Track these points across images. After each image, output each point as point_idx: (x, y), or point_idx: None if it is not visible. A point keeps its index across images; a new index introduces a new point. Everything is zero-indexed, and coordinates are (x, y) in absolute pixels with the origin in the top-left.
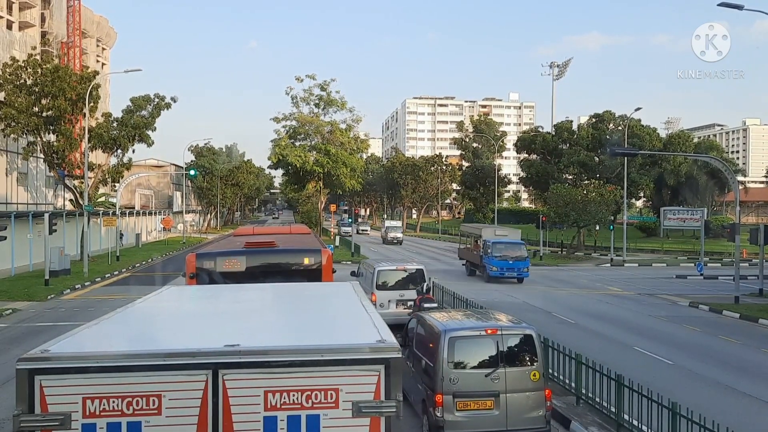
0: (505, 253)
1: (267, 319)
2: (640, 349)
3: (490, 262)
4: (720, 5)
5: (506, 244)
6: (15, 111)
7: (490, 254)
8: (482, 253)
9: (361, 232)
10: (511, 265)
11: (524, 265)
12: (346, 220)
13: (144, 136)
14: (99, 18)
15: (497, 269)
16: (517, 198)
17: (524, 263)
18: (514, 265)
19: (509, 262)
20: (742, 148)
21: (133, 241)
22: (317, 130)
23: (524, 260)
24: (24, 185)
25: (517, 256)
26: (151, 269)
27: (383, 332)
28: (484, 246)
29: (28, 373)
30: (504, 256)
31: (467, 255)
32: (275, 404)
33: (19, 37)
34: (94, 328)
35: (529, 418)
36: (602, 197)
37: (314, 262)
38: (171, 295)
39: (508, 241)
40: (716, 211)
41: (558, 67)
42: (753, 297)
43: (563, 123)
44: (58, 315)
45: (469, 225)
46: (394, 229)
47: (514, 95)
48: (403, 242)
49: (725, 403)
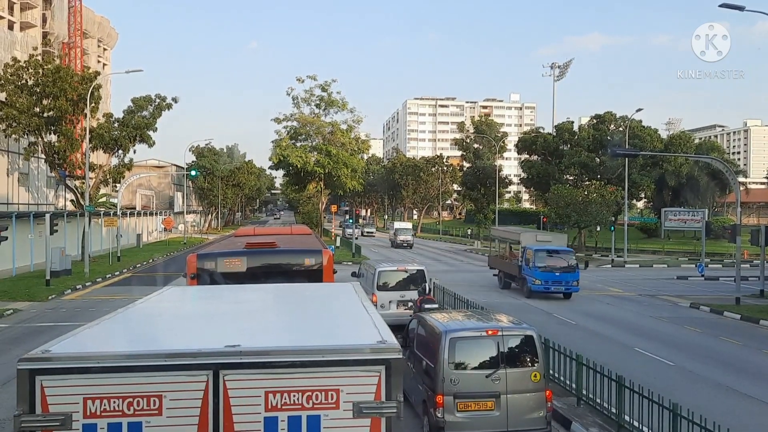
0: (550, 263)
1: (268, 320)
2: (641, 350)
3: (533, 274)
4: (721, 6)
5: (551, 252)
6: (16, 111)
7: (532, 264)
8: (521, 262)
9: (366, 234)
10: (558, 277)
11: (573, 277)
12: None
13: (145, 136)
14: (100, 18)
15: (541, 282)
16: (518, 199)
17: (573, 275)
18: (561, 277)
19: (555, 274)
20: (743, 149)
21: (131, 241)
22: (318, 130)
23: (573, 272)
24: (25, 185)
25: (564, 267)
26: (152, 269)
27: (384, 333)
28: (523, 254)
29: (29, 373)
30: (549, 266)
31: (500, 264)
32: (276, 405)
33: (20, 37)
34: (95, 328)
35: (529, 419)
36: (603, 198)
37: (315, 262)
38: (172, 296)
39: (552, 249)
40: (717, 212)
41: (559, 68)
42: (754, 298)
43: (564, 124)
44: (59, 315)
45: (501, 229)
46: (404, 232)
47: (515, 96)
48: (413, 245)
49: (726, 405)
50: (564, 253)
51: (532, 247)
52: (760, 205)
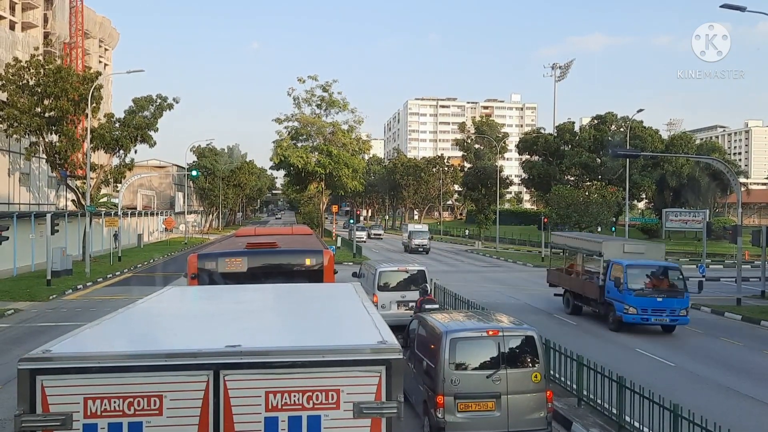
0: (649, 284)
1: (268, 320)
2: (642, 351)
3: (625, 299)
4: (722, 6)
5: (648, 268)
6: (17, 111)
7: (624, 286)
8: (602, 280)
9: (374, 236)
10: (660, 304)
11: (681, 304)
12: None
13: (146, 136)
14: (101, 19)
15: (636, 311)
16: (518, 199)
17: (681, 302)
18: (665, 304)
19: (656, 300)
20: (744, 149)
21: (132, 241)
22: (319, 131)
23: (681, 296)
24: (26, 185)
25: (669, 290)
26: (153, 270)
27: (384, 333)
28: (608, 270)
29: (29, 373)
30: (647, 290)
31: (568, 281)
32: (276, 405)
33: (21, 37)
34: (96, 328)
35: (530, 419)
36: (604, 199)
37: (316, 262)
38: (172, 296)
39: (648, 264)
40: (718, 212)
41: (560, 69)
42: (755, 299)
43: (565, 124)
44: (60, 315)
45: (570, 235)
46: (419, 235)
47: (516, 96)
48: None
49: (727, 405)
50: (667, 269)
51: (622, 262)
52: (761, 206)
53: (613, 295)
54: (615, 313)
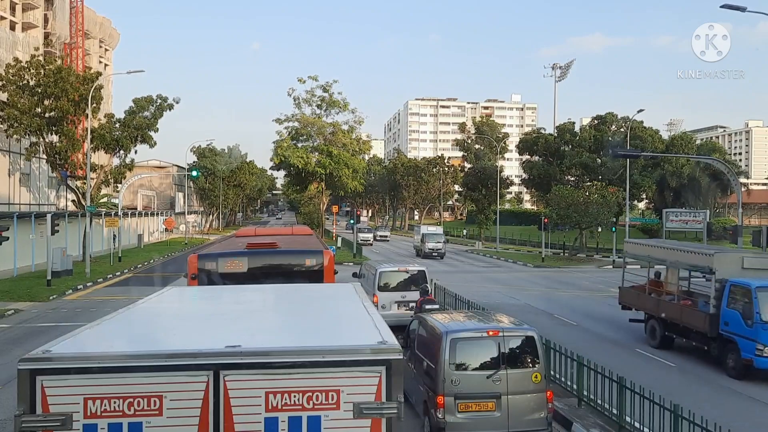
0: None
1: (268, 320)
2: (642, 351)
3: (758, 336)
4: (722, 7)
5: None
6: (18, 112)
7: (755, 318)
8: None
9: (380, 238)
10: None
11: None
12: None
13: (146, 137)
14: (102, 19)
15: None
16: (519, 200)
17: None
18: None
19: None
20: (744, 150)
21: (132, 242)
22: (319, 131)
23: None
24: (26, 186)
25: None
26: (153, 270)
27: (384, 333)
28: (725, 295)
29: (29, 373)
30: None
31: (653, 304)
32: (276, 405)
33: (22, 38)
34: (96, 328)
35: (530, 419)
36: (604, 199)
37: (316, 263)
38: (172, 296)
39: None
40: (719, 213)
41: (560, 69)
42: None
43: (565, 124)
44: (60, 315)
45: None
46: (433, 237)
47: (516, 97)
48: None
49: (727, 406)
50: None
51: (750, 284)
52: (761, 206)
53: (736, 329)
54: (740, 354)
